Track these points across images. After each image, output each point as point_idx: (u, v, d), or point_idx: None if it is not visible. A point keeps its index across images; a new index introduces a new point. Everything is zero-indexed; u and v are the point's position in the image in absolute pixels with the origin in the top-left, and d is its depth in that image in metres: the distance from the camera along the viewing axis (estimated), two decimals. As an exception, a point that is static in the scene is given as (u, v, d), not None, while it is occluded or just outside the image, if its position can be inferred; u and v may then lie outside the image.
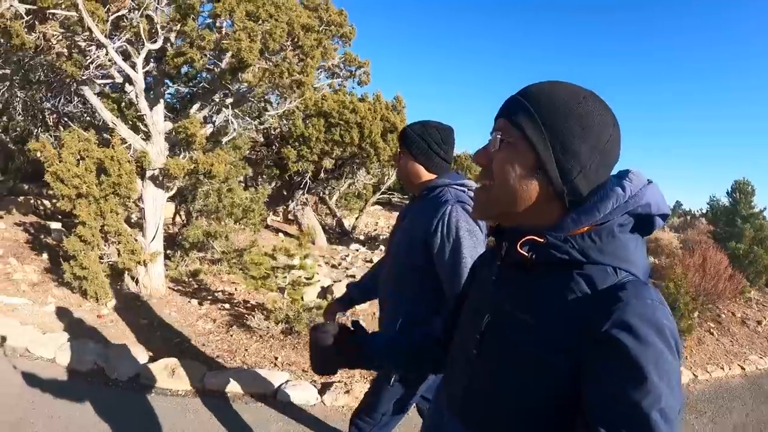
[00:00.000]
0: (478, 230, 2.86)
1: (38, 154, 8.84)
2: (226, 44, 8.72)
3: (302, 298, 8.73)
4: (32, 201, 17.57)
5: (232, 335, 8.26)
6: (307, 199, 18.39)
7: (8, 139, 14.87)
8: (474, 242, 2.82)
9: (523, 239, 1.46)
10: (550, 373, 1.36)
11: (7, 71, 10.42)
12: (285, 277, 8.75)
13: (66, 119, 11.99)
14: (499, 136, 1.49)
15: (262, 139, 16.60)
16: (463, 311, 1.85)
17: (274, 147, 17.07)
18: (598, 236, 1.39)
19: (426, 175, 3.16)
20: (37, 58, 9.81)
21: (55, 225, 15.20)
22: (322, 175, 17.05)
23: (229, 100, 10.01)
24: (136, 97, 9.30)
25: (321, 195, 19.64)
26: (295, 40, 9.70)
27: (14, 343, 6.88)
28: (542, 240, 1.43)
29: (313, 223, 18.55)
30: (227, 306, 9.63)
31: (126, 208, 9.93)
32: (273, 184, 16.99)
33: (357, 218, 21.64)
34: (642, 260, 1.43)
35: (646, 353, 1.20)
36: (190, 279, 11.22)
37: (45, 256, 12.47)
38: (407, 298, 3.13)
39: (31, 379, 6.02)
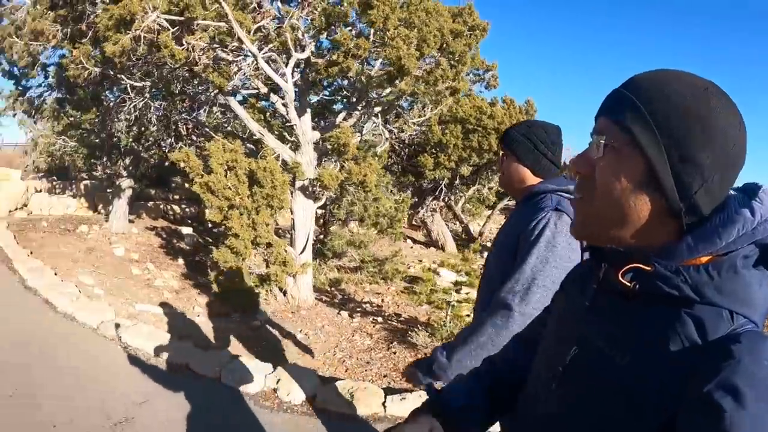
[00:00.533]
0: (561, 247, 2.50)
1: (181, 164, 8.78)
2: (385, 52, 8.45)
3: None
4: (161, 206, 17.94)
5: (395, 352, 7.91)
6: (436, 205, 18.05)
7: (141, 148, 15.21)
8: (547, 256, 2.48)
9: (626, 268, 1.19)
10: (637, 423, 1.13)
11: (147, 83, 10.46)
12: (449, 291, 8.35)
13: (205, 129, 12.02)
14: (602, 141, 1.20)
15: (390, 146, 16.35)
16: (546, 334, 1.60)
17: (403, 154, 16.80)
18: (717, 271, 1.10)
19: (531, 179, 2.84)
20: (175, 71, 9.75)
21: (187, 230, 15.48)
22: (456, 182, 16.62)
23: (377, 109, 9.72)
24: (286, 107, 9.15)
25: (446, 201, 19.23)
26: (444, 46, 9.36)
27: (174, 359, 6.72)
28: (649, 268, 1.16)
29: (443, 230, 18.20)
30: (379, 319, 9.33)
31: (273, 218, 9.79)
32: (407, 191, 16.67)
33: (484, 224, 21.13)
34: (764, 302, 1.13)
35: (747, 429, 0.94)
36: (332, 288, 11.02)
37: (181, 261, 12.61)
38: None
39: (201, 402, 5.82)
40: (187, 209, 18.73)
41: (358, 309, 9.85)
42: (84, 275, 10.29)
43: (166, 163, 18.61)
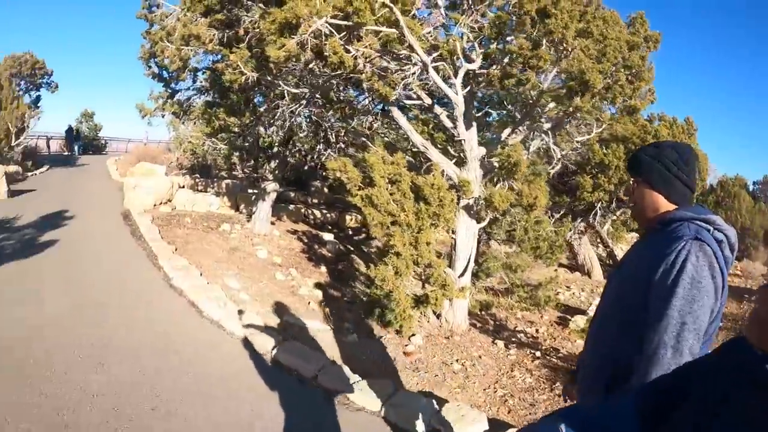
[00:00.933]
0: (707, 283, 2.15)
1: (337, 174, 8.40)
2: (564, 64, 7.85)
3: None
4: (302, 210, 18.00)
5: (559, 395, 7.17)
6: (584, 227, 17.21)
7: (287, 153, 15.31)
8: (693, 295, 2.12)
9: None
10: None
11: (305, 90, 10.24)
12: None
13: (362, 139, 11.78)
14: None
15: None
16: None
17: (553, 173, 16.07)
18: None
19: (665, 206, 2.53)
20: (331, 79, 9.44)
21: (328, 236, 15.46)
22: (613, 205, 15.71)
23: (546, 125, 9.05)
24: (454, 120, 8.65)
25: (592, 223, 18.30)
26: (622, 59, 8.68)
27: (331, 385, 6.26)
28: None
29: (591, 255, 17.38)
30: (537, 354, 8.68)
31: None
32: (560, 212, 15.89)
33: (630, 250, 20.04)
34: None
35: None
36: (482, 312, 10.44)
37: (323, 268, 12.48)
38: (615, 356, 2.44)
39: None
40: (328, 214, 18.67)
41: (513, 339, 9.26)
42: (229, 278, 10.20)
43: (306, 167, 18.76)
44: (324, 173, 20.95)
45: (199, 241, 12.83)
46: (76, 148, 39.00)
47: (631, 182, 2.71)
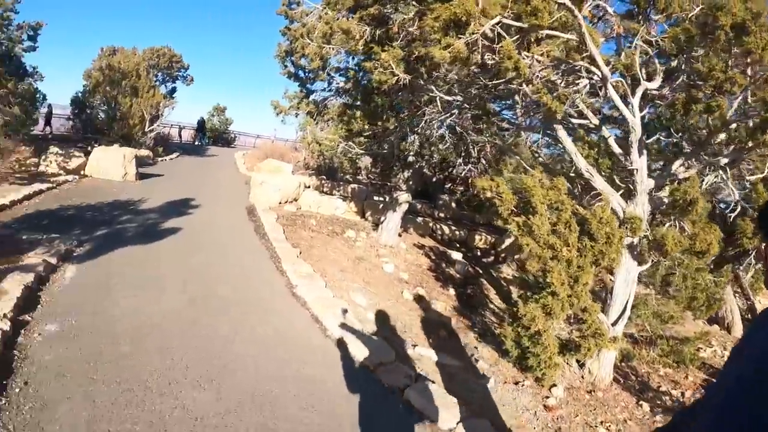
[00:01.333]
0: None
1: (487, 194, 7.55)
2: (758, 90, 6.81)
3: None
4: (430, 223, 17.59)
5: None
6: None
7: (424, 163, 14.73)
8: None
9: None
10: None
11: (458, 98, 9.44)
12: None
13: (516, 157, 10.97)
14: None
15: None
16: None
17: (731, 217, 14.73)
18: None
19: None
20: (487, 87, 8.59)
21: (456, 255, 14.83)
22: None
23: (724, 160, 7.92)
24: (627, 146, 7.65)
25: (735, 271, 16.66)
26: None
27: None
28: None
29: (733, 307, 15.77)
30: (686, 423, 7.50)
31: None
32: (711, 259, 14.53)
33: (776, 306, 18.22)
34: None
35: None
36: (623, 363, 9.31)
37: (451, 290, 11.78)
38: None
39: None
40: (457, 231, 17.86)
41: (659, 402, 8.11)
42: (355, 292, 9.65)
43: (434, 179, 18.09)
44: (452, 187, 20.36)
45: (324, 246, 12.39)
46: (203, 139, 41.38)
47: (763, 246, 2.02)
